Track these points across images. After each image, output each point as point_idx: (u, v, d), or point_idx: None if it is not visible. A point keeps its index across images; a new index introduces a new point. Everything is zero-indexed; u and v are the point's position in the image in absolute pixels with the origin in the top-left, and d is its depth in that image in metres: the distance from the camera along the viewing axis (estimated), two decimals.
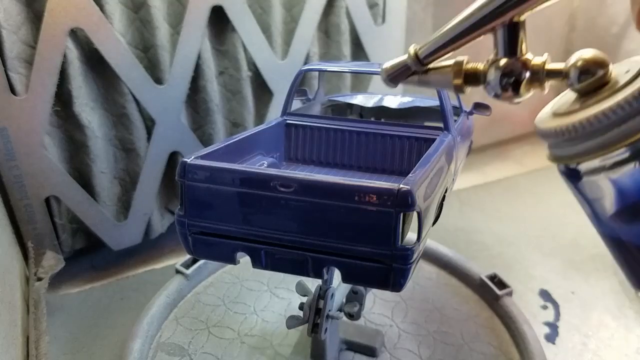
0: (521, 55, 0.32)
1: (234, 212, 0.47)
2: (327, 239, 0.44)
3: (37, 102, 0.79)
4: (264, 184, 0.45)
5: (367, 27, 1.04)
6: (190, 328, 0.78)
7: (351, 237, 0.43)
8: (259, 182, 0.45)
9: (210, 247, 0.49)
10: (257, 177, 0.45)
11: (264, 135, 0.67)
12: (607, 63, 0.30)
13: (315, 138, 0.71)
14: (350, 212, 0.42)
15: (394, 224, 0.41)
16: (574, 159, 0.30)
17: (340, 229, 0.43)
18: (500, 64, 0.32)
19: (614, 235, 0.32)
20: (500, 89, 0.32)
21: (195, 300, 0.84)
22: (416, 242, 0.43)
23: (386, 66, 0.39)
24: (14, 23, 0.75)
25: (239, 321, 0.79)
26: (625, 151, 0.28)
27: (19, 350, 0.69)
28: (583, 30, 1.43)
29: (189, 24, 0.86)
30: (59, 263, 0.89)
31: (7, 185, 0.82)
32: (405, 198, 0.41)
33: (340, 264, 0.44)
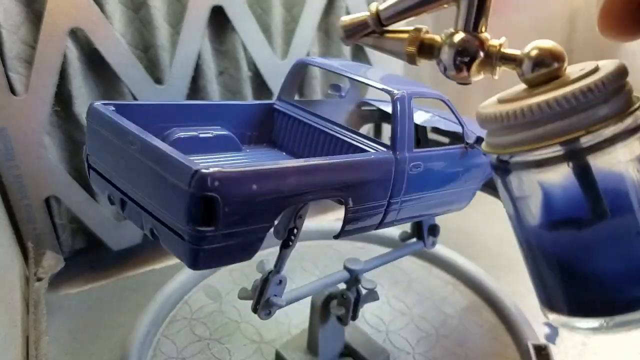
0: (479, 33, 0.30)
1: (108, 157, 0.52)
2: (150, 200, 0.46)
3: (37, 102, 0.79)
4: (122, 137, 0.49)
5: None
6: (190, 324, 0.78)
7: (164, 204, 0.45)
8: (120, 135, 0.49)
9: (97, 183, 0.55)
10: (119, 130, 0.49)
11: (234, 110, 0.67)
12: (563, 56, 0.29)
13: (294, 128, 0.70)
14: (164, 180, 0.44)
15: (188, 201, 0.41)
16: (507, 148, 0.28)
17: (158, 193, 0.45)
18: (455, 39, 0.30)
19: (533, 243, 0.30)
20: (452, 66, 0.31)
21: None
22: (212, 228, 0.42)
23: (345, 20, 0.37)
24: (13, 23, 0.75)
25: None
26: (559, 149, 0.26)
27: (19, 350, 0.69)
28: (584, 30, 1.43)
29: (189, 24, 0.86)
30: (58, 263, 0.89)
31: (7, 185, 0.82)
32: (201, 180, 0.41)
33: (157, 228, 0.46)
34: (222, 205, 0.42)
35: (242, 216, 0.44)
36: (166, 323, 0.79)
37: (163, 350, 0.74)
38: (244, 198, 0.43)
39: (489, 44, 0.30)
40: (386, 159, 0.55)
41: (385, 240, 0.98)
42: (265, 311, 0.56)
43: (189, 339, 0.76)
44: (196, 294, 0.85)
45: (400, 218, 0.59)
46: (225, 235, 0.43)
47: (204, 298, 0.84)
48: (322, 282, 0.62)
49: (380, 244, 0.98)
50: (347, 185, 0.51)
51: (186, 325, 0.79)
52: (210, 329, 0.78)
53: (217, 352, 0.74)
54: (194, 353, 0.74)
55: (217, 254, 0.44)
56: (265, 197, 0.45)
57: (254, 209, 0.45)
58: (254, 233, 0.45)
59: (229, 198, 0.42)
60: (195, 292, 0.86)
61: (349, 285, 0.64)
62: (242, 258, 0.46)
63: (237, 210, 0.43)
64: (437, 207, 0.64)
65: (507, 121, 0.27)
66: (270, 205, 0.46)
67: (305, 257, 0.96)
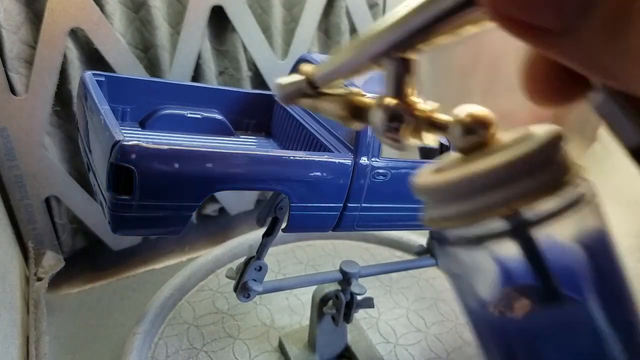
0: (406, 97, 0.28)
1: (82, 123, 0.56)
2: (97, 169, 0.50)
3: (37, 102, 0.79)
4: (89, 106, 0.52)
5: (368, 27, 1.04)
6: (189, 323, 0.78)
7: (101, 172, 0.48)
8: (88, 102, 0.52)
9: (81, 149, 0.60)
10: (88, 98, 0.52)
11: (230, 96, 0.69)
12: (492, 123, 0.26)
13: (288, 122, 0.71)
14: (102, 148, 0.47)
15: (108, 169, 0.44)
16: (439, 222, 0.26)
17: (100, 162, 0.48)
18: (381, 103, 0.28)
19: (472, 324, 0.28)
20: (382, 130, 0.30)
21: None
22: (129, 197, 0.45)
23: (279, 83, 0.36)
24: (14, 23, 0.75)
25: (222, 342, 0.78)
26: (492, 226, 0.24)
27: (19, 350, 0.69)
28: None
29: (189, 24, 0.86)
30: (59, 263, 0.89)
31: (7, 185, 0.82)
32: (120, 151, 0.44)
33: (101, 196, 0.49)
34: (137, 177, 0.44)
35: (160, 191, 0.46)
36: (195, 290, 0.86)
37: (182, 314, 0.80)
38: (162, 174, 0.45)
39: (417, 109, 0.28)
40: (342, 163, 0.54)
41: (396, 243, 0.98)
42: (244, 294, 0.58)
43: (208, 309, 0.81)
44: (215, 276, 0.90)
45: (363, 224, 0.59)
46: (141, 207, 0.46)
47: (223, 278, 0.88)
48: (310, 278, 0.63)
49: (391, 247, 0.98)
50: (290, 181, 0.51)
51: (210, 297, 0.84)
52: (229, 303, 0.82)
53: (229, 327, 0.78)
54: (208, 323, 0.78)
55: (135, 222, 0.47)
56: (186, 177, 0.47)
57: (174, 187, 0.47)
58: (176, 210, 0.47)
59: (145, 171, 0.44)
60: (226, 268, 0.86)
61: (343, 287, 0.65)
62: (166, 232, 0.49)
63: (153, 184, 0.45)
64: (413, 220, 0.61)
65: (435, 194, 0.26)
66: (192, 187, 0.47)
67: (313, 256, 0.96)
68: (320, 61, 0.70)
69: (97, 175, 0.50)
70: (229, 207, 1.04)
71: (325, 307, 0.65)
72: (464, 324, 0.83)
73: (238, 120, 0.68)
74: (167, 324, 0.79)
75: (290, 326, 0.78)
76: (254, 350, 0.74)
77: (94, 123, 0.50)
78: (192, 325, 0.78)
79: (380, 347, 0.74)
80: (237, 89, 0.69)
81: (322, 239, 0.99)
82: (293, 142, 0.68)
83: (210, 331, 0.77)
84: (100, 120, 0.48)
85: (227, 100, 0.68)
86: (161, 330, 0.78)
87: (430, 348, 0.76)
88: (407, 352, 0.75)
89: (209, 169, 0.47)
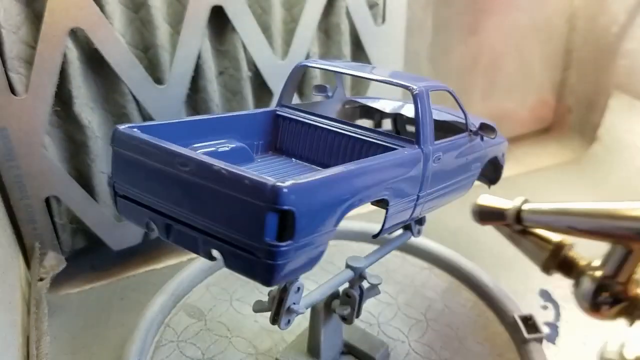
0: (626, 280, 0.27)
1: (147, 182, 0.50)
2: (212, 221, 0.45)
3: (37, 102, 0.79)
4: (167, 160, 0.47)
5: (367, 27, 1.04)
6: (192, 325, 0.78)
7: (231, 224, 0.44)
8: (164, 158, 0.48)
9: (130, 211, 0.53)
10: (163, 153, 0.48)
11: (242, 121, 0.67)
12: None
13: (302, 133, 0.70)
14: (230, 198, 0.43)
15: (263, 217, 0.41)
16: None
17: (222, 213, 0.45)
18: (596, 275, 0.27)
19: None
20: (589, 300, 0.28)
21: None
22: (289, 241, 0.42)
23: (481, 202, 0.35)
24: (14, 23, 0.75)
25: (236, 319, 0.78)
26: None
27: (19, 350, 0.69)
28: (583, 30, 1.43)
29: (189, 24, 0.86)
30: (60, 263, 0.89)
31: (7, 185, 0.82)
32: (275, 194, 0.41)
33: (222, 249, 0.45)
34: (298, 218, 0.42)
35: (314, 226, 0.44)
36: (152, 351, 0.74)
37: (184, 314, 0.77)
38: (317, 207, 0.44)
39: (635, 293, 0.27)
40: (416, 153, 0.57)
41: (353, 235, 0.99)
42: (285, 320, 0.56)
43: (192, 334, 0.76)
44: (176, 316, 0.81)
45: (424, 210, 0.61)
46: (298, 247, 0.43)
47: (186, 318, 0.80)
48: (331, 283, 0.62)
49: (352, 240, 1.00)
50: (390, 183, 0.53)
51: (174, 349, 0.74)
52: (201, 349, 0.74)
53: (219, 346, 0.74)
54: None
55: (291, 267, 0.44)
56: (333, 203, 0.46)
57: (324, 217, 0.45)
58: (323, 241, 0.46)
59: (304, 210, 0.42)
60: (174, 315, 0.81)
61: (353, 283, 0.64)
62: (311, 267, 0.47)
63: (311, 220, 0.43)
64: (449, 196, 0.65)
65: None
66: (337, 210, 0.46)
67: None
68: (322, 64, 0.69)
69: (214, 231, 0.45)
70: None
71: (337, 308, 0.64)
72: (421, 284, 0.89)
73: (248, 144, 0.66)
74: (166, 325, 0.79)
75: (276, 346, 0.74)
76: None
77: (195, 176, 0.46)
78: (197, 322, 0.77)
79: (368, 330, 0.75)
80: (243, 112, 0.68)
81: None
82: (318, 149, 0.68)
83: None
84: (217, 171, 0.44)
85: (237, 126, 0.67)
86: (162, 328, 0.78)
87: (408, 316, 0.82)
88: (392, 327, 0.79)
89: (346, 189, 0.47)
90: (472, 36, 1.31)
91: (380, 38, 1.06)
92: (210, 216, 0.45)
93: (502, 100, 1.43)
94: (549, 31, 1.42)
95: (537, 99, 1.52)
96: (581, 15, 1.42)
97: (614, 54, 1.37)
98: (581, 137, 1.50)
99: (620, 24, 1.34)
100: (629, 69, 1.34)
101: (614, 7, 1.35)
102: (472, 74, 1.35)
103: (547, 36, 1.42)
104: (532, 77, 1.47)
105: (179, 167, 0.46)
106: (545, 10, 1.39)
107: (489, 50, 1.35)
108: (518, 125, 1.50)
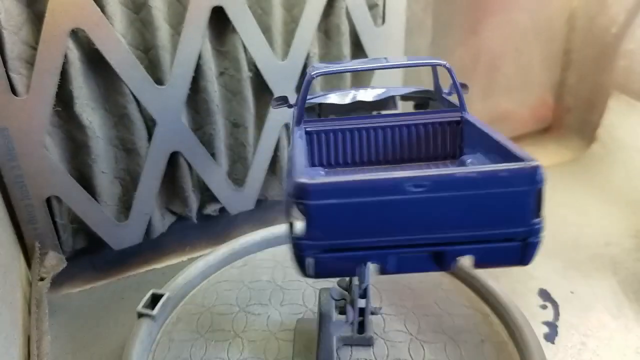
0: None
1: (365, 222, 0.46)
2: (464, 229, 0.46)
3: (38, 102, 0.79)
4: (396, 188, 0.45)
5: (367, 27, 1.04)
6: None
7: (487, 223, 0.45)
8: (391, 187, 0.45)
9: (335, 264, 0.48)
10: (389, 183, 0.45)
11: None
12: None
13: (333, 141, 0.68)
14: (486, 198, 0.44)
15: (530, 200, 0.44)
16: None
17: (477, 216, 0.45)
18: None
19: None
20: None
21: (168, 340, 0.76)
22: (540, 218, 0.45)
23: None
24: (15, 24, 0.75)
25: (224, 349, 0.74)
26: None
27: (20, 350, 0.69)
28: (583, 31, 1.43)
29: (189, 24, 0.87)
30: (61, 263, 0.89)
31: (8, 186, 0.82)
32: (537, 173, 0.44)
33: (476, 250, 0.46)
34: (544, 193, 0.45)
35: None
36: (152, 351, 0.74)
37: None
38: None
39: None
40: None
41: None
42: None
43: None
44: (177, 316, 0.80)
45: None
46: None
47: (187, 319, 0.80)
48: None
49: None
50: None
51: (175, 349, 0.74)
52: (201, 349, 0.74)
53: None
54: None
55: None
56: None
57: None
58: None
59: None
60: (175, 315, 0.81)
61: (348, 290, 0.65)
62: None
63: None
64: None
65: None
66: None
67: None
68: (333, 69, 0.68)
69: (464, 237, 0.47)
70: (230, 207, 1.04)
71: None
72: (419, 282, 0.87)
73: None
74: (167, 325, 0.79)
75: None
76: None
77: (441, 191, 0.46)
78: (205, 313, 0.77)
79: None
80: (299, 139, 0.64)
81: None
82: (373, 150, 0.67)
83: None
84: (453, 176, 0.46)
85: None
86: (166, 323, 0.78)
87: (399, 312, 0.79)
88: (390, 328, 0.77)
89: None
90: (471, 37, 1.31)
91: (380, 38, 1.06)
92: (462, 224, 0.45)
93: (502, 100, 1.43)
94: (548, 32, 1.42)
95: (537, 99, 1.52)
96: (581, 15, 1.42)
97: (614, 54, 1.37)
98: (580, 137, 1.50)
99: (620, 24, 1.34)
100: (628, 69, 1.34)
101: (614, 8, 1.35)
102: (472, 74, 1.36)
103: (546, 37, 1.42)
104: (532, 78, 1.47)
105: (413, 190, 0.45)
106: (545, 10, 1.39)
107: (489, 50, 1.35)
108: (517, 125, 1.50)
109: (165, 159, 0.94)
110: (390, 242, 0.46)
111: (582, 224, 1.06)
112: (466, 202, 0.44)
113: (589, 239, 1.00)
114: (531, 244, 0.45)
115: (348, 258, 0.47)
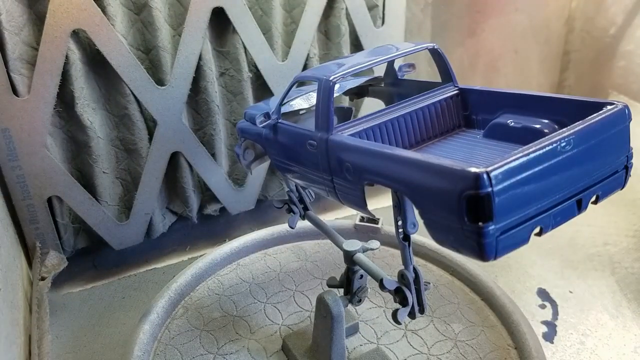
0: None
1: (534, 192, 0.50)
2: (595, 172, 0.53)
3: (39, 103, 0.80)
4: (553, 152, 0.49)
5: (367, 28, 1.05)
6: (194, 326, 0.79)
7: (608, 161, 0.54)
8: (550, 152, 0.49)
9: (513, 239, 0.49)
10: (548, 148, 0.49)
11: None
12: None
13: (369, 138, 0.67)
14: (606, 140, 0.52)
15: (627, 133, 0.54)
16: None
17: (602, 158, 0.53)
18: None
19: None
20: None
21: (169, 340, 0.77)
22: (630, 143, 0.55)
23: None
24: (16, 24, 0.76)
25: (227, 347, 0.75)
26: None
27: (21, 349, 0.70)
28: (581, 32, 1.44)
29: (190, 25, 0.87)
30: (62, 262, 0.89)
31: (10, 185, 0.83)
32: (628, 111, 0.53)
33: (601, 187, 0.54)
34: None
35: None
36: (153, 351, 0.75)
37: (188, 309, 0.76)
38: None
39: None
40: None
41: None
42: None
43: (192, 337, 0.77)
44: (177, 316, 0.81)
45: None
46: None
47: (188, 318, 0.81)
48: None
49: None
50: None
51: (175, 349, 0.75)
52: (201, 349, 0.75)
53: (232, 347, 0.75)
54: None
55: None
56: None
57: None
58: None
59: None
60: (176, 314, 0.82)
61: (350, 270, 0.65)
62: None
63: None
64: None
65: None
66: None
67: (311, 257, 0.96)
68: (347, 71, 0.68)
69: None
70: (230, 207, 1.05)
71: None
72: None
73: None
74: (167, 325, 0.80)
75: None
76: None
77: (576, 145, 0.51)
78: (198, 313, 0.78)
79: (365, 347, 0.75)
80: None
81: (317, 239, 0.99)
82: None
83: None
84: (589, 127, 0.51)
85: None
86: (167, 323, 0.79)
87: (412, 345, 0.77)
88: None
89: None
90: (470, 38, 1.32)
91: (380, 39, 1.07)
92: (597, 168, 0.53)
93: None
94: (547, 33, 1.43)
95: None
96: (579, 17, 1.43)
97: (612, 55, 1.37)
98: None
99: (618, 25, 1.35)
100: (626, 70, 1.35)
101: (612, 9, 1.35)
102: (471, 75, 1.36)
103: (545, 38, 1.43)
104: (531, 78, 1.48)
105: (565, 149, 0.50)
106: (543, 12, 1.40)
107: (488, 51, 1.35)
108: None
109: (166, 159, 0.94)
110: (552, 203, 0.52)
111: (581, 224, 1.07)
112: (596, 148, 0.52)
113: (588, 239, 1.01)
114: (629, 167, 0.55)
115: (524, 230, 0.50)
